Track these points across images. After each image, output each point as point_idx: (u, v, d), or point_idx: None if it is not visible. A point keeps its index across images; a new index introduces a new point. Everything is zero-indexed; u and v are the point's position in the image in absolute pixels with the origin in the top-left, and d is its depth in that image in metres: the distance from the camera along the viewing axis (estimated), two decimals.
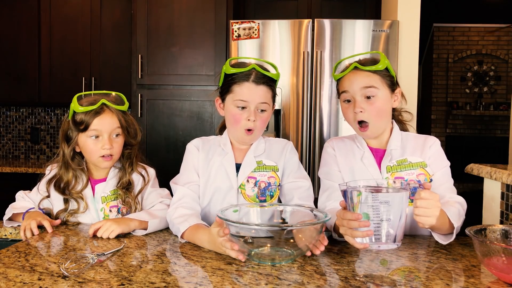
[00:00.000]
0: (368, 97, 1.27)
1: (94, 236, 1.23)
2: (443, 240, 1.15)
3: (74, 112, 1.36)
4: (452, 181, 1.31)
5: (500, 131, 7.08)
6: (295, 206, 1.19)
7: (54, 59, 3.19)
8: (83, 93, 1.43)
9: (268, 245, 1.02)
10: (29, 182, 2.89)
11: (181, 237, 1.20)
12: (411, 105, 2.65)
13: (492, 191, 1.59)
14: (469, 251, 1.13)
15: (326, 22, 2.56)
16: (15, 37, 3.20)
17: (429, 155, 1.31)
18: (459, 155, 6.95)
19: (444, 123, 7.23)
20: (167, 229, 1.34)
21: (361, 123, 1.30)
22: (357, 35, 2.55)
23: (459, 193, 1.28)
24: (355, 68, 1.30)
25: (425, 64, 7.53)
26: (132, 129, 1.44)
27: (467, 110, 7.10)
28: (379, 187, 1.09)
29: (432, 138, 1.36)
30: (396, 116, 1.42)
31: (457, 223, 1.14)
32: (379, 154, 1.35)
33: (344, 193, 1.04)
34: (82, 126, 1.35)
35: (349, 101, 1.31)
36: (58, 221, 1.36)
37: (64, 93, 3.16)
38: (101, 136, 1.36)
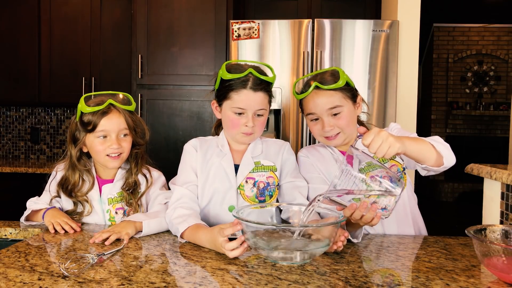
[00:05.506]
0: (335, 114, 1.34)
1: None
2: (439, 167, 1.18)
3: (82, 112, 1.36)
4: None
5: (500, 131, 7.08)
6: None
7: (54, 59, 3.18)
8: (90, 93, 1.42)
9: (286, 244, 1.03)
10: (29, 182, 2.89)
11: (181, 237, 1.20)
12: (411, 105, 2.65)
13: (492, 191, 1.59)
14: (469, 251, 1.13)
15: (326, 22, 2.55)
16: (15, 37, 3.20)
17: None
18: (459, 155, 6.91)
19: (444, 123, 7.23)
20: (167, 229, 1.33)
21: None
22: (357, 35, 2.55)
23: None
24: (317, 87, 1.34)
25: (425, 64, 7.53)
26: (140, 128, 1.45)
27: (467, 110, 7.10)
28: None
29: (391, 125, 1.41)
30: (357, 118, 1.47)
31: (436, 142, 1.17)
32: (349, 158, 1.38)
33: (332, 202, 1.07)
34: (90, 127, 1.35)
35: (316, 119, 1.37)
36: (79, 224, 1.34)
37: (64, 93, 3.17)
38: (109, 136, 1.36)
